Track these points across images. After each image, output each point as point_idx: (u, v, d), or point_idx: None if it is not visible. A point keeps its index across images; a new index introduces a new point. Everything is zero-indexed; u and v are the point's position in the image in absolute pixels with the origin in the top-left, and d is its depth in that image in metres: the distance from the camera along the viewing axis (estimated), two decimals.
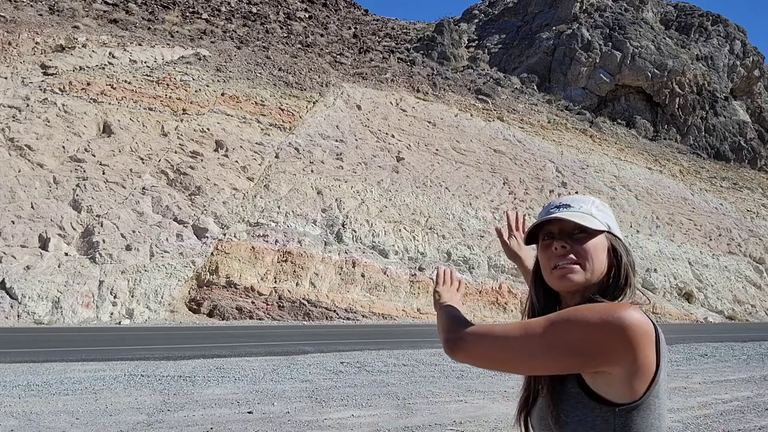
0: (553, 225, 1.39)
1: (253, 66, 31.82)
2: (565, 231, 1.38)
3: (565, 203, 1.42)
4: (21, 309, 14.81)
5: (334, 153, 25.74)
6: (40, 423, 5.56)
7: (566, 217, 1.36)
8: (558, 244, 1.36)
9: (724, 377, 9.58)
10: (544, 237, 1.42)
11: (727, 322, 24.94)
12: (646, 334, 1.21)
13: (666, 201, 33.52)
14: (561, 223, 1.38)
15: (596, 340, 1.19)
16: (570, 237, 1.37)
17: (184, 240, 18.43)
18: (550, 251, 1.38)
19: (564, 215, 1.37)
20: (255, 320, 17.12)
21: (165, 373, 8.19)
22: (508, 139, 33.64)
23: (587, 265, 1.34)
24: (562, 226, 1.38)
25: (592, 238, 1.36)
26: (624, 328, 1.19)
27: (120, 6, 36.91)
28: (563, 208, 1.40)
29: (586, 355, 1.20)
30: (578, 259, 1.34)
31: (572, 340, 1.20)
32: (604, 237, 1.38)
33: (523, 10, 54.12)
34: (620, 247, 1.39)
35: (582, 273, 1.34)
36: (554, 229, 1.39)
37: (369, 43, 46.04)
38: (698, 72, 48.13)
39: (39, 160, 19.45)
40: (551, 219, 1.38)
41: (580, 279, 1.34)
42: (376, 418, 6.11)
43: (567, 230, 1.38)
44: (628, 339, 1.19)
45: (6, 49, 24.87)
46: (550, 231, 1.40)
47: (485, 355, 1.30)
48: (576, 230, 1.37)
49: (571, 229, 1.37)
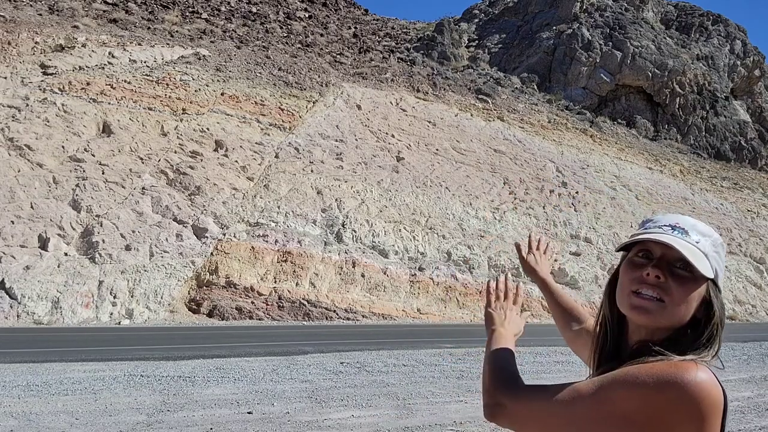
0: (658, 247, 1.16)
1: (253, 66, 31.81)
2: (666, 258, 1.15)
3: (682, 227, 1.18)
4: (20, 309, 14.80)
5: (334, 153, 25.73)
6: (39, 423, 5.55)
7: (678, 247, 1.13)
8: (654, 272, 1.14)
9: (725, 377, 9.53)
10: (638, 253, 1.19)
11: (728, 322, 24.88)
12: (714, 406, 1.02)
13: (666, 201, 33.51)
14: (667, 249, 1.15)
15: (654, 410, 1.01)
16: (669, 268, 1.14)
17: (184, 240, 18.42)
18: (638, 273, 1.16)
19: (677, 243, 1.14)
20: (255, 320, 17.12)
21: (165, 373, 8.18)
22: (508, 138, 33.63)
23: (672, 309, 1.13)
24: (667, 253, 1.15)
25: (692, 282, 1.14)
26: (689, 398, 1.00)
27: (120, 6, 36.91)
28: (678, 232, 1.17)
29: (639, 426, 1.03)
30: (665, 297, 1.13)
31: (626, 408, 1.03)
32: (705, 285, 1.16)
33: (524, 10, 54.11)
34: (717, 303, 1.17)
35: (662, 314, 1.13)
36: (656, 251, 1.16)
37: (369, 43, 46.04)
38: (699, 72, 48.12)
39: (38, 160, 19.44)
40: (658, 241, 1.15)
41: (655, 319, 1.14)
42: (376, 418, 6.09)
43: (669, 259, 1.15)
44: (693, 412, 1.00)
45: (6, 49, 24.86)
46: (649, 249, 1.18)
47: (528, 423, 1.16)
48: (680, 263, 1.14)
49: (674, 260, 1.14)
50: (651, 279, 1.14)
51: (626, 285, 1.18)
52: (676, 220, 1.21)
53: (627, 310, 1.17)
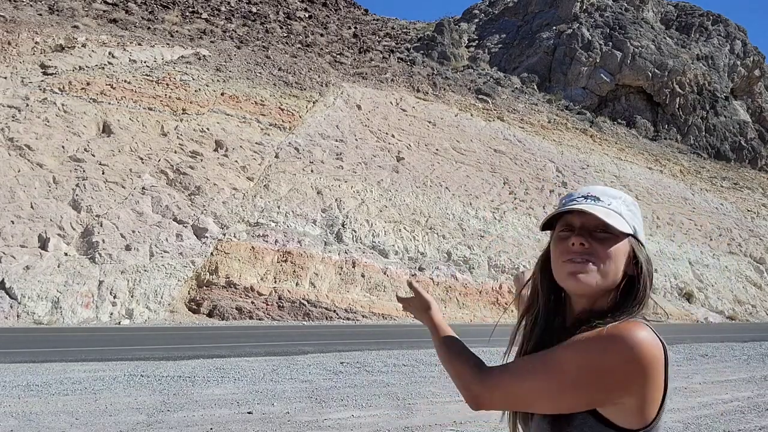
0: (576, 217, 1.25)
1: (253, 66, 31.81)
2: (587, 227, 1.24)
3: (593, 195, 1.28)
4: (20, 309, 14.80)
5: (334, 153, 25.73)
6: (39, 423, 5.55)
7: (593, 212, 1.22)
8: (577, 240, 1.22)
9: (725, 377, 9.57)
10: (562, 227, 1.28)
11: (728, 322, 24.93)
12: (657, 360, 1.13)
13: (666, 201, 33.51)
14: (585, 217, 1.24)
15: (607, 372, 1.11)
16: (591, 234, 1.23)
17: (184, 240, 18.42)
18: (565, 245, 1.24)
19: (591, 209, 1.23)
20: (255, 320, 17.12)
21: (165, 373, 8.18)
22: (508, 138, 33.63)
23: (603, 269, 1.21)
24: (586, 221, 1.24)
25: (615, 241, 1.22)
26: (636, 356, 1.11)
27: (120, 6, 36.90)
28: (591, 200, 1.26)
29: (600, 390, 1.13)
30: (595, 261, 1.21)
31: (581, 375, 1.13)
32: (627, 241, 1.24)
33: (524, 10, 54.10)
34: (642, 256, 1.26)
35: (595, 276, 1.21)
36: (575, 222, 1.25)
37: (369, 43, 46.03)
38: (699, 72, 48.12)
39: (38, 160, 19.44)
40: (574, 210, 1.25)
41: (590, 282, 1.21)
42: (376, 418, 6.10)
43: (589, 226, 1.24)
44: (641, 369, 1.11)
45: (5, 49, 24.86)
46: (570, 222, 1.26)
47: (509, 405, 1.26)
48: (599, 228, 1.23)
49: (593, 226, 1.23)
50: (577, 247, 1.23)
51: (557, 258, 1.26)
52: (588, 190, 1.31)
53: (564, 281, 1.25)
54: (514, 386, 1.22)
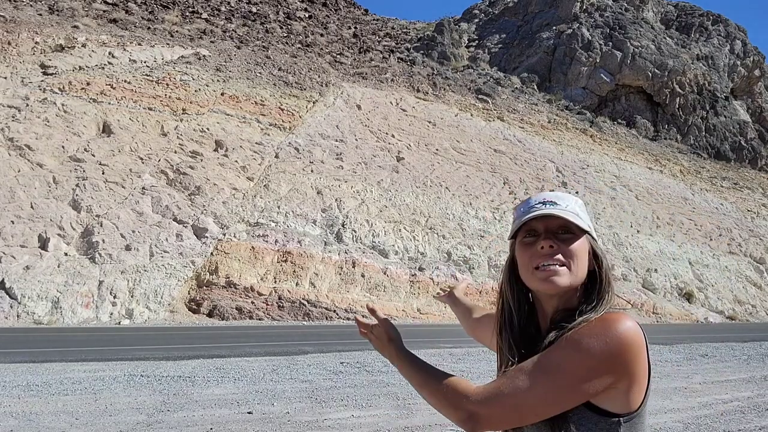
0: (538, 222, 1.32)
1: (253, 66, 31.81)
2: (550, 229, 1.31)
3: (550, 200, 1.34)
4: (20, 309, 14.80)
5: (334, 153, 25.73)
6: (39, 423, 5.55)
7: (556, 213, 1.30)
8: (546, 243, 1.29)
9: (725, 377, 9.56)
10: (525, 234, 1.34)
11: (728, 322, 24.93)
12: (641, 346, 1.20)
13: (666, 201, 33.51)
14: (547, 221, 1.31)
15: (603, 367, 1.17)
16: (555, 236, 1.30)
17: (184, 240, 18.42)
18: (533, 250, 1.30)
19: (555, 211, 1.30)
20: (255, 320, 17.11)
21: (165, 373, 8.18)
22: (508, 138, 33.63)
23: (573, 267, 1.29)
24: (548, 224, 1.31)
25: (577, 239, 1.31)
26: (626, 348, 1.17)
27: (119, 6, 36.91)
28: (549, 205, 1.33)
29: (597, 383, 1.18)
30: (564, 260, 1.28)
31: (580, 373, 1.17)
32: (586, 239, 1.33)
33: (524, 10, 54.10)
34: (599, 250, 1.35)
35: (567, 275, 1.28)
36: (539, 227, 1.32)
37: (369, 43, 46.03)
38: (699, 72, 48.11)
39: (38, 159, 19.44)
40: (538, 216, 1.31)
41: (565, 282, 1.28)
42: (376, 418, 6.10)
43: (552, 228, 1.31)
44: (630, 357, 1.18)
45: (5, 49, 24.86)
46: (533, 228, 1.33)
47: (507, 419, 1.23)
48: (561, 230, 1.31)
49: (556, 228, 1.31)
50: (546, 250, 1.29)
51: (527, 264, 1.31)
52: (543, 196, 1.37)
53: (538, 285, 1.30)
54: (516, 397, 1.21)
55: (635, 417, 1.22)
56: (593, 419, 1.21)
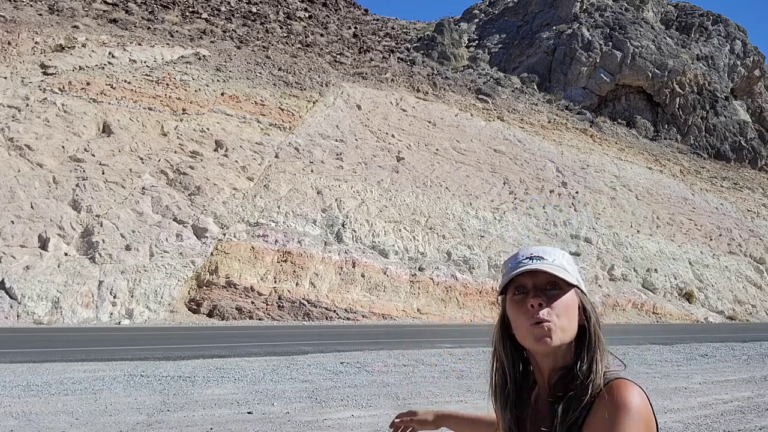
0: (527, 278, 1.31)
1: (253, 66, 31.81)
2: (538, 285, 1.30)
3: (537, 255, 1.33)
4: (21, 309, 14.80)
5: (334, 153, 25.73)
6: (39, 423, 5.55)
7: (544, 268, 1.29)
8: (535, 301, 1.28)
9: (725, 377, 9.57)
10: (515, 291, 1.33)
11: (728, 322, 24.93)
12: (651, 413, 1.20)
13: (666, 201, 33.52)
14: (535, 277, 1.30)
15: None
16: (543, 292, 1.30)
17: (184, 240, 18.42)
18: (524, 308, 1.30)
19: (542, 267, 1.29)
20: (255, 320, 17.11)
21: (165, 373, 8.18)
22: (508, 138, 33.63)
23: (563, 323, 1.28)
24: (536, 281, 1.30)
25: (564, 294, 1.30)
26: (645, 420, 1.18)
27: (120, 6, 36.91)
28: (536, 260, 1.32)
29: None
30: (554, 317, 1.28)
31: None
32: (574, 293, 1.32)
33: (524, 10, 54.11)
34: (588, 305, 1.33)
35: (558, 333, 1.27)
36: (528, 283, 1.31)
37: (369, 43, 46.03)
38: (699, 72, 48.12)
39: (38, 159, 19.44)
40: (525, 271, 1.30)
41: (557, 341, 1.27)
42: (376, 418, 6.10)
43: (540, 285, 1.30)
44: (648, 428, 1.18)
45: (6, 49, 24.86)
46: (522, 284, 1.32)
47: None
48: (549, 285, 1.30)
49: (544, 284, 1.30)
50: (535, 308, 1.27)
51: (522, 323, 1.30)
52: (530, 251, 1.35)
53: (533, 345, 1.29)
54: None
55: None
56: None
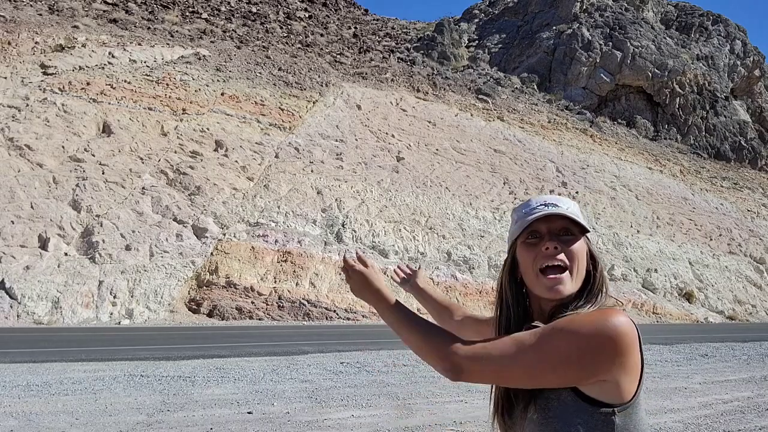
0: (541, 224, 1.34)
1: (253, 66, 31.81)
2: (552, 231, 1.33)
3: (551, 202, 1.36)
4: (20, 309, 14.80)
5: (334, 153, 25.73)
6: (39, 423, 5.55)
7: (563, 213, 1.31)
8: (551, 244, 1.30)
9: (725, 377, 9.57)
10: (528, 236, 1.35)
11: (728, 322, 24.93)
12: (632, 338, 1.20)
13: (666, 201, 33.51)
14: (550, 223, 1.33)
15: (592, 352, 1.18)
16: (558, 237, 1.32)
17: (184, 240, 18.42)
18: (537, 251, 1.32)
19: (560, 212, 1.32)
20: (255, 320, 17.11)
21: (165, 373, 8.18)
22: (508, 138, 33.63)
23: (575, 271, 1.31)
24: (551, 226, 1.33)
25: (577, 241, 1.33)
26: (617, 338, 1.18)
27: (120, 6, 36.90)
28: (551, 206, 1.34)
29: (584, 368, 1.19)
30: (568, 263, 1.30)
31: (569, 353, 1.19)
32: (584, 240, 1.35)
33: (524, 10, 54.11)
34: (596, 251, 1.37)
35: (570, 282, 1.30)
36: (542, 228, 1.34)
37: (369, 43, 46.03)
38: (699, 72, 48.11)
39: (38, 159, 19.44)
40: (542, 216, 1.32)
41: (569, 289, 1.30)
42: (376, 418, 6.10)
43: (555, 230, 1.33)
44: (621, 348, 1.19)
45: (6, 49, 24.86)
46: (536, 230, 1.34)
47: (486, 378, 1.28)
48: (562, 231, 1.33)
49: (558, 230, 1.33)
50: (550, 251, 1.30)
51: (531, 266, 1.32)
52: (543, 199, 1.38)
53: (543, 293, 1.31)
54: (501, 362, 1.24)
55: (628, 407, 1.24)
56: (587, 410, 1.23)
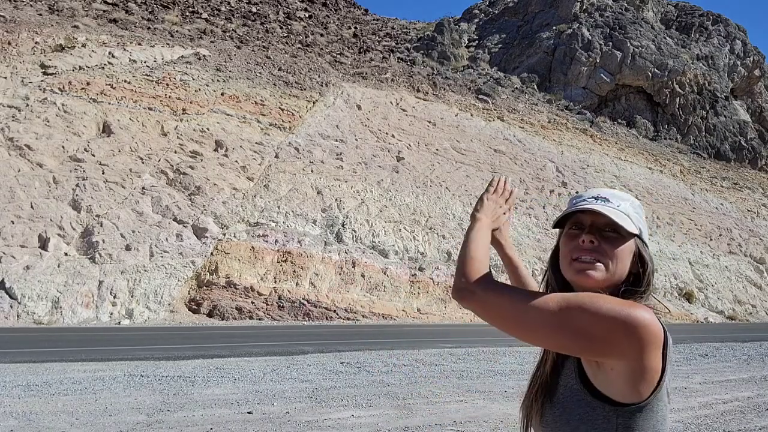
0: (586, 216, 1.33)
1: (253, 66, 31.81)
2: (596, 225, 1.31)
3: (603, 196, 1.35)
4: (20, 309, 14.80)
5: (334, 153, 25.73)
6: (39, 423, 5.55)
7: (603, 211, 1.29)
8: (587, 237, 1.30)
9: (725, 377, 9.57)
10: (572, 226, 1.35)
11: (728, 322, 24.93)
12: (654, 336, 1.17)
13: (666, 201, 33.51)
14: (595, 216, 1.31)
15: (604, 328, 1.16)
16: (600, 233, 1.31)
17: (184, 240, 18.42)
18: (575, 242, 1.32)
19: (601, 209, 1.30)
20: (255, 320, 17.12)
21: (165, 373, 8.18)
22: (508, 138, 33.63)
23: (610, 267, 1.29)
24: (595, 220, 1.31)
25: (622, 241, 1.30)
26: (634, 325, 1.16)
27: (120, 5, 36.90)
28: (601, 201, 1.33)
29: (590, 340, 1.17)
30: (603, 259, 1.29)
31: (581, 322, 1.18)
32: (633, 241, 1.32)
33: (524, 10, 54.10)
34: (647, 255, 1.33)
35: (603, 273, 1.28)
36: (586, 221, 1.33)
37: (369, 43, 46.03)
38: (699, 72, 48.11)
39: (38, 159, 19.44)
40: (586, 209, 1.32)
41: (599, 277, 1.28)
42: (376, 418, 6.10)
43: (599, 225, 1.31)
44: (635, 336, 1.16)
45: (6, 49, 24.86)
46: (580, 221, 1.34)
47: (491, 314, 1.29)
48: (608, 227, 1.30)
49: (603, 225, 1.31)
50: (586, 244, 1.30)
51: (567, 255, 1.33)
52: (598, 192, 1.38)
53: (572, 277, 1.32)
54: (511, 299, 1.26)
55: (637, 411, 1.20)
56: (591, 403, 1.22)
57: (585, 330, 1.17)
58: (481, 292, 1.29)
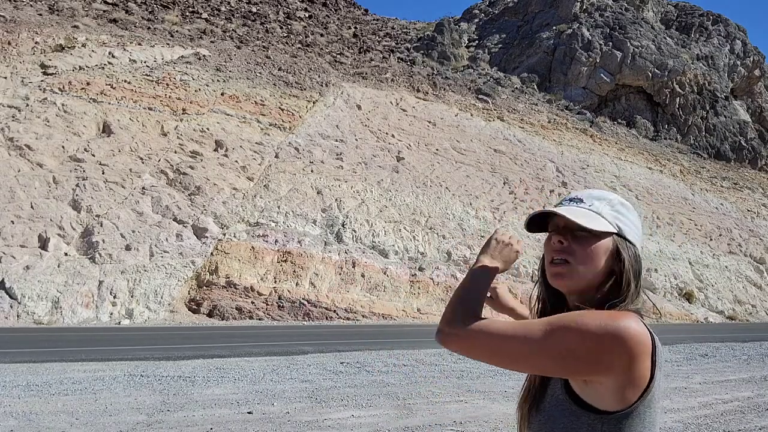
0: (559, 218, 1.33)
1: (253, 66, 31.81)
2: (569, 226, 1.31)
3: (578, 197, 1.36)
4: (20, 309, 14.80)
5: (334, 153, 25.73)
6: (39, 423, 5.55)
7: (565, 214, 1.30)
8: (556, 238, 1.32)
9: (725, 377, 9.57)
10: (552, 228, 1.37)
11: (728, 322, 24.93)
12: (643, 345, 1.17)
13: (666, 201, 33.51)
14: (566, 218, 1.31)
15: (593, 348, 1.15)
16: (572, 233, 1.31)
17: (184, 240, 18.42)
18: (549, 244, 1.34)
19: (564, 212, 1.31)
20: (255, 320, 17.11)
21: (165, 373, 8.18)
22: (508, 138, 33.63)
23: (579, 267, 1.28)
24: (567, 221, 1.31)
25: (595, 239, 1.29)
26: (622, 339, 1.15)
27: (120, 5, 36.90)
28: (574, 203, 1.35)
29: (581, 362, 1.16)
30: (570, 258, 1.29)
31: (568, 342, 1.16)
32: (610, 240, 1.30)
33: (524, 10, 54.10)
34: (626, 253, 1.30)
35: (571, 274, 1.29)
36: (560, 223, 1.33)
37: (369, 43, 46.03)
38: (699, 72, 48.10)
39: (38, 159, 19.44)
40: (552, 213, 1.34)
41: (570, 281, 1.29)
42: (376, 418, 6.10)
43: (571, 226, 1.31)
44: (624, 351, 1.15)
45: (6, 49, 24.86)
46: (556, 223, 1.35)
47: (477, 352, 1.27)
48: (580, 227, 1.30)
49: (575, 226, 1.30)
50: (556, 245, 1.32)
51: (547, 258, 1.35)
52: (576, 193, 1.39)
53: (549, 279, 1.34)
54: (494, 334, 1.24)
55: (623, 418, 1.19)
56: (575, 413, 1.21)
57: (572, 350, 1.16)
58: (464, 333, 1.26)
